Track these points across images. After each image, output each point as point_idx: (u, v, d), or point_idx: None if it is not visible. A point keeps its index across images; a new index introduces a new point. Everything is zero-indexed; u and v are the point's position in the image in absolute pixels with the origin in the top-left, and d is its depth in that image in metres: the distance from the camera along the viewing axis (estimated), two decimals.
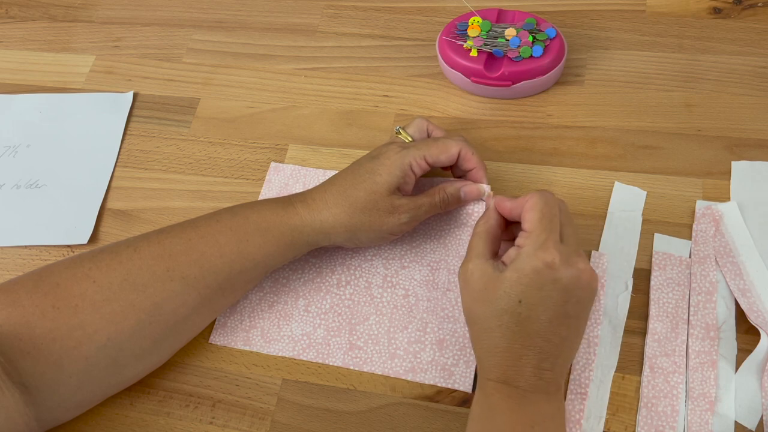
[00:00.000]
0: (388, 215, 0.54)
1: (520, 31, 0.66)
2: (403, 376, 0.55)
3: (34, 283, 0.50)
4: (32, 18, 0.83)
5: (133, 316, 0.50)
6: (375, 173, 0.54)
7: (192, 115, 0.73)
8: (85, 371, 0.49)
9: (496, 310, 0.47)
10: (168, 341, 0.53)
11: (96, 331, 0.49)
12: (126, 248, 0.52)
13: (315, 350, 0.57)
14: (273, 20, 0.79)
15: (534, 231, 0.48)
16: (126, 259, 0.51)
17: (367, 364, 0.56)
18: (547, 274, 0.47)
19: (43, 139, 0.73)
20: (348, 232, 0.55)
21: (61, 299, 0.49)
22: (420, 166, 0.55)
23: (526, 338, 0.47)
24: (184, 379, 0.57)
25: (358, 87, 0.72)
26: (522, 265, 0.47)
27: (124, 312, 0.50)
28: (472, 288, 0.49)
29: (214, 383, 0.57)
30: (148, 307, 0.50)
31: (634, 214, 0.60)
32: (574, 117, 0.67)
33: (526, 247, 0.48)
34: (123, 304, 0.50)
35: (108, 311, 0.49)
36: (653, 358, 0.53)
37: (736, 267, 0.56)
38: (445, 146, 0.56)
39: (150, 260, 0.51)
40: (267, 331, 0.58)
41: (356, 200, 0.54)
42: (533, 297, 0.47)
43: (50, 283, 0.50)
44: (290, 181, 0.66)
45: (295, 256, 0.56)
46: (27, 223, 0.67)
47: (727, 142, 0.63)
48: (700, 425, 0.51)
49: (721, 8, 0.72)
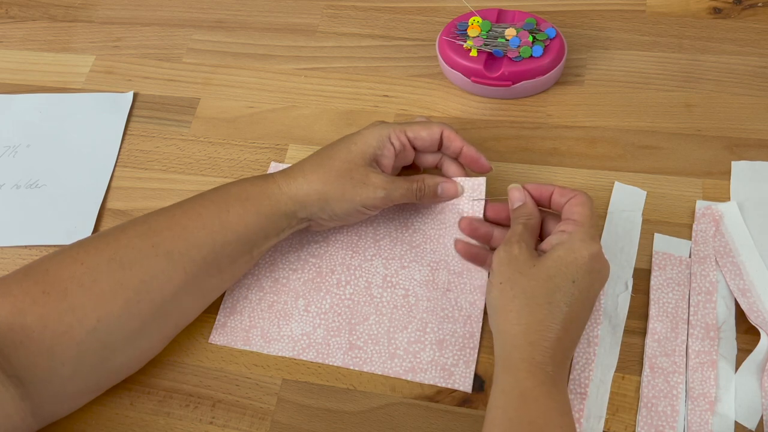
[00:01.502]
0: (362, 186, 0.55)
1: (520, 31, 0.66)
2: (403, 376, 0.55)
3: (24, 273, 0.51)
4: (32, 18, 0.83)
5: (121, 294, 0.50)
6: (351, 142, 0.56)
7: (192, 115, 0.73)
8: (77, 358, 0.49)
9: (549, 287, 0.48)
10: (157, 322, 0.53)
11: (86, 314, 0.49)
12: (113, 230, 0.53)
13: (315, 350, 0.57)
14: (273, 20, 0.79)
15: (585, 223, 0.51)
16: (113, 239, 0.52)
17: (367, 364, 0.56)
18: (597, 262, 0.50)
19: (43, 139, 0.73)
20: (321, 200, 0.55)
21: (51, 284, 0.50)
22: (399, 139, 0.56)
23: (569, 320, 0.48)
24: (184, 379, 0.57)
25: (358, 87, 0.72)
26: (577, 247, 0.50)
27: (112, 291, 0.50)
28: (519, 262, 0.50)
29: (214, 383, 0.57)
30: (135, 285, 0.51)
31: (634, 214, 0.60)
32: (574, 117, 0.67)
33: (577, 234, 0.50)
34: (111, 283, 0.50)
35: (97, 291, 0.50)
36: (653, 358, 0.53)
37: (736, 267, 0.56)
38: (427, 124, 0.57)
39: (135, 238, 0.52)
40: (267, 331, 0.58)
41: (331, 168, 0.55)
42: (585, 279, 0.49)
43: (40, 271, 0.51)
44: None
45: (278, 233, 0.56)
46: (27, 223, 0.67)
47: (727, 142, 0.63)
48: (700, 425, 0.51)
49: (721, 8, 0.72)
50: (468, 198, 0.60)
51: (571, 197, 0.53)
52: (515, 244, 0.52)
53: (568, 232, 0.51)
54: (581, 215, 0.52)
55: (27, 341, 0.48)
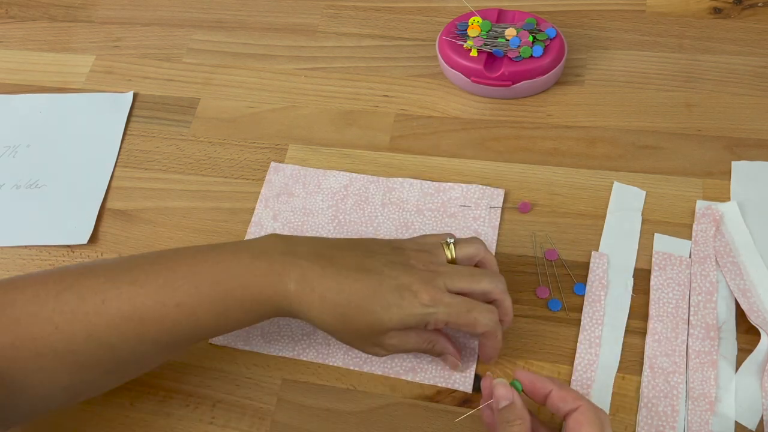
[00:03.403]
0: (372, 347, 0.50)
1: (520, 31, 0.66)
2: (403, 376, 0.55)
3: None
4: (32, 18, 0.83)
5: (99, 368, 0.48)
6: (388, 311, 0.47)
7: (192, 115, 0.73)
8: (42, 402, 0.48)
9: None
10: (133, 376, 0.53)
11: (59, 376, 0.47)
12: (93, 296, 0.47)
13: (315, 350, 0.57)
14: (273, 20, 0.79)
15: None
16: (92, 311, 0.47)
17: (367, 364, 0.56)
18: None
19: (43, 139, 0.73)
20: (326, 332, 0.51)
21: (21, 339, 0.46)
22: (436, 327, 0.49)
23: None
24: (184, 379, 0.57)
25: (358, 87, 0.72)
26: None
27: (89, 364, 0.48)
28: None
29: (214, 383, 0.57)
30: (114, 361, 0.48)
31: (634, 214, 0.60)
32: (574, 117, 0.67)
33: None
34: (88, 358, 0.47)
35: (71, 361, 0.47)
36: (653, 358, 0.53)
37: (737, 267, 0.56)
38: (474, 324, 0.49)
39: (119, 320, 0.47)
40: (267, 332, 0.58)
41: (350, 325, 0.48)
42: None
43: (10, 317, 0.47)
44: (290, 181, 0.66)
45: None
46: (27, 223, 0.67)
47: (727, 142, 0.63)
48: (700, 425, 0.51)
49: (721, 8, 0.72)
50: (485, 206, 0.61)
51: (573, 408, 0.45)
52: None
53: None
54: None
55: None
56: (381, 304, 0.47)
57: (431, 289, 0.48)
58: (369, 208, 0.63)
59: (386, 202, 0.63)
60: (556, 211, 0.61)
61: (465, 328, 0.49)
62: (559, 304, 0.57)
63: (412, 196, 0.63)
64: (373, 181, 0.65)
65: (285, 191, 0.65)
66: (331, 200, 0.64)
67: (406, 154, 0.67)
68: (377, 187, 0.64)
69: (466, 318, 0.48)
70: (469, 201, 0.62)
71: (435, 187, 0.63)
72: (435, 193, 0.63)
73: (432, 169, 0.65)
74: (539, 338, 0.56)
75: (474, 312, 0.48)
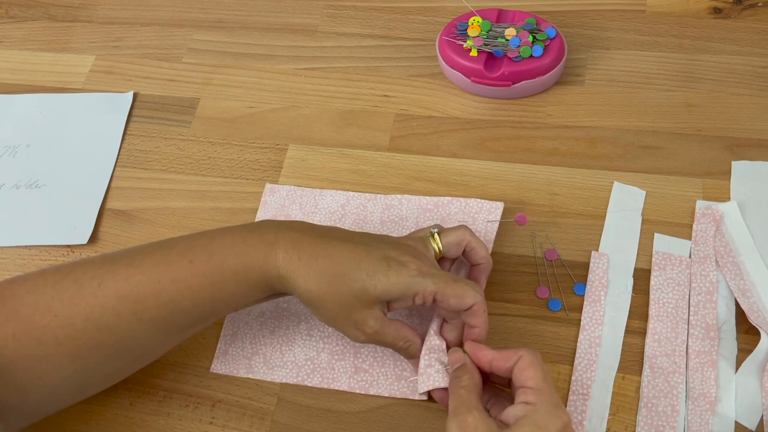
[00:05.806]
0: (353, 326, 0.50)
1: (520, 31, 0.66)
2: (411, 396, 0.54)
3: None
4: (32, 18, 0.83)
5: (99, 352, 0.48)
6: (374, 278, 0.48)
7: (192, 115, 0.73)
8: (50, 396, 0.49)
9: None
10: (137, 364, 0.53)
11: (61, 364, 0.47)
12: (90, 281, 0.48)
13: (320, 375, 0.56)
14: (273, 20, 0.79)
15: (543, 389, 0.45)
16: (89, 294, 0.48)
17: (373, 387, 0.55)
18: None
19: (43, 139, 0.73)
20: (309, 305, 0.50)
21: (22, 330, 0.47)
22: (424, 300, 0.49)
23: None
24: (184, 379, 0.57)
25: (358, 87, 0.72)
26: (544, 421, 0.44)
27: (89, 349, 0.48)
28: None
29: (214, 383, 0.57)
30: (114, 345, 0.49)
31: (634, 214, 0.60)
32: (574, 117, 0.67)
33: (541, 404, 0.45)
34: (88, 342, 0.48)
35: (72, 347, 0.47)
36: (653, 358, 0.53)
37: (737, 267, 0.56)
38: (462, 294, 0.49)
39: (115, 300, 0.48)
40: (270, 358, 0.57)
41: (335, 294, 0.48)
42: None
43: (11, 309, 0.47)
44: (286, 202, 0.64)
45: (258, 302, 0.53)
46: (27, 223, 0.67)
47: (727, 142, 0.63)
48: (700, 425, 0.51)
49: (722, 8, 0.72)
50: (483, 220, 0.60)
51: (515, 359, 0.47)
52: (467, 414, 0.45)
53: (531, 404, 0.45)
54: (536, 380, 0.45)
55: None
56: (367, 272, 0.48)
57: (419, 262, 0.49)
58: (368, 227, 0.62)
59: (385, 219, 0.62)
60: (556, 211, 0.61)
61: (453, 299, 0.49)
62: (559, 304, 0.57)
63: (410, 212, 0.62)
64: (371, 199, 0.64)
65: (281, 213, 0.64)
66: (329, 221, 0.63)
67: (406, 154, 0.67)
68: (375, 205, 0.63)
69: (454, 288, 0.49)
70: (468, 215, 0.61)
71: (434, 202, 0.62)
72: (434, 208, 0.62)
73: (432, 169, 0.65)
74: (539, 338, 0.56)
75: (461, 282, 0.50)
